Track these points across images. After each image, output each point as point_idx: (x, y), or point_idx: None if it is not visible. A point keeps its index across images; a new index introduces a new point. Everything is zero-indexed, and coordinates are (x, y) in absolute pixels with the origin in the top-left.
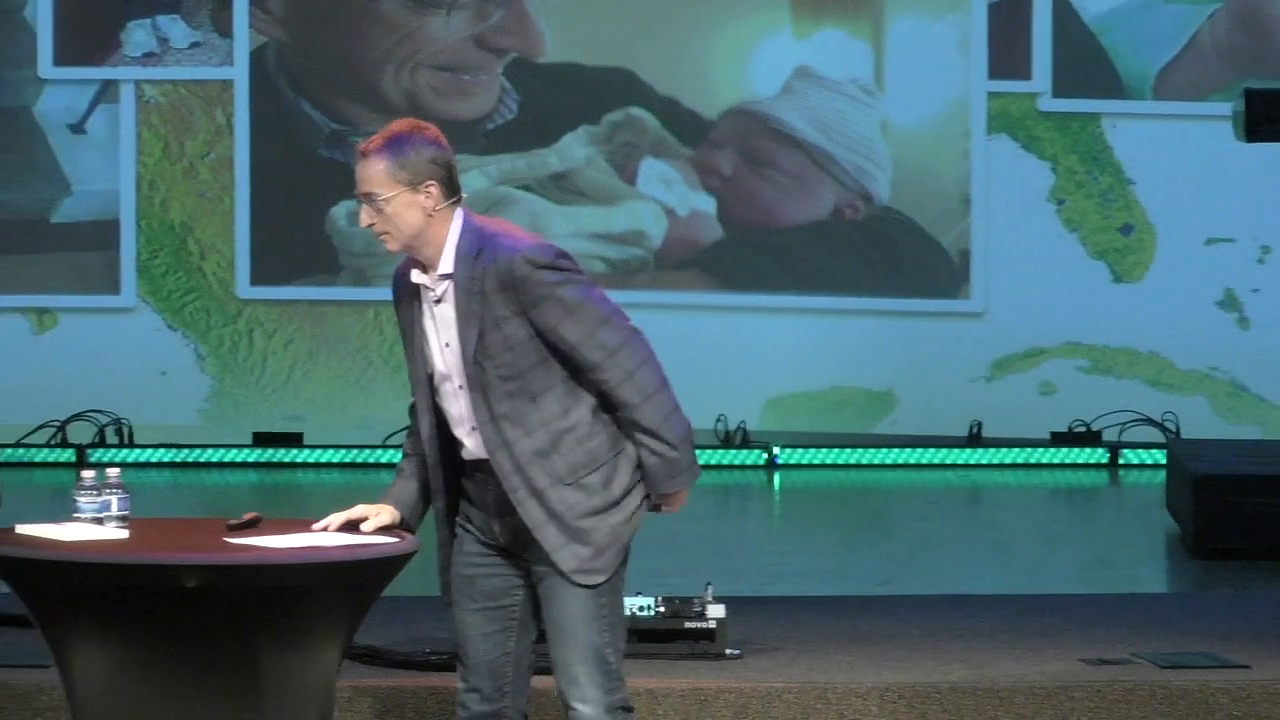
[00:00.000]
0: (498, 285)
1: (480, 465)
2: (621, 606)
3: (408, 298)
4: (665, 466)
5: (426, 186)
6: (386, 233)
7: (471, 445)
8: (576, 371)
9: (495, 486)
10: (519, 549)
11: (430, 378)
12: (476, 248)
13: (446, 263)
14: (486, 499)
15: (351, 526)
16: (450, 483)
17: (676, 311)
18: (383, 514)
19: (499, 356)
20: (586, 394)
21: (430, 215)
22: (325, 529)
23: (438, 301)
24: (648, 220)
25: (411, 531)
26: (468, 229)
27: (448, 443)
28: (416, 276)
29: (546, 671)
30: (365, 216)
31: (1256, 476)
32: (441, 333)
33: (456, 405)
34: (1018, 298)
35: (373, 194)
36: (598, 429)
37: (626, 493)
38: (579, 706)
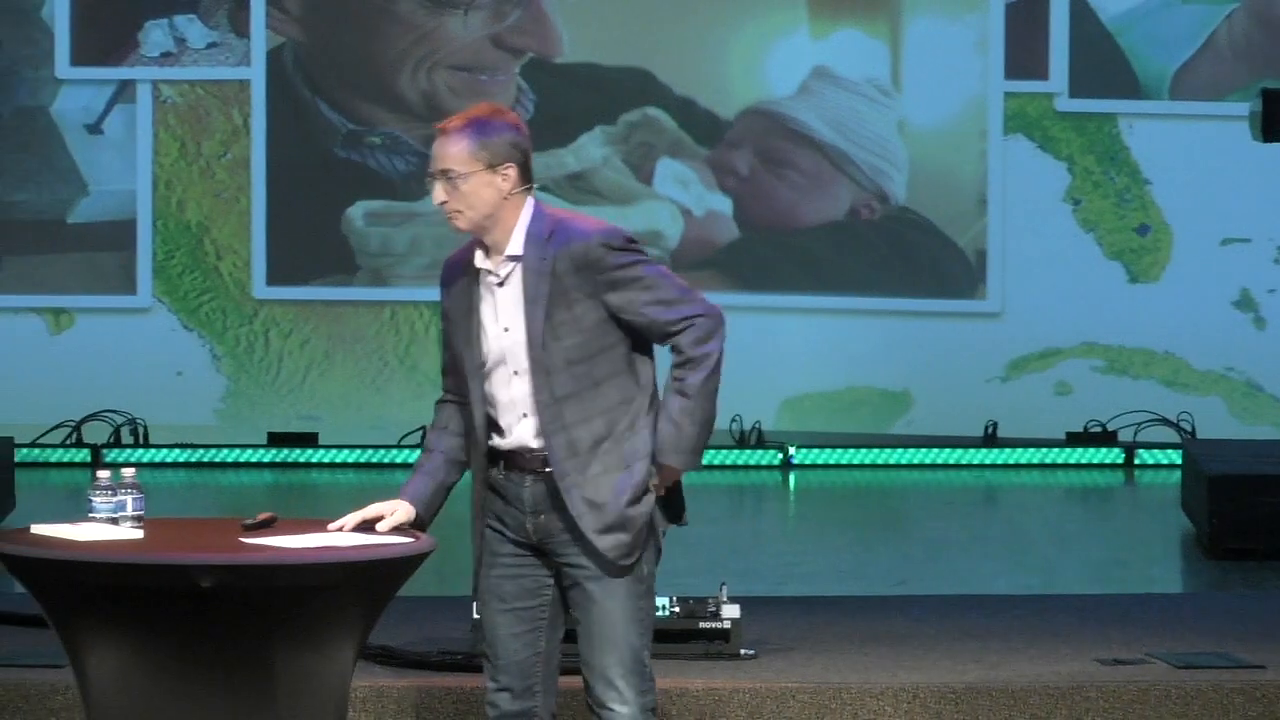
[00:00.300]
0: (571, 267)
1: (517, 458)
2: (654, 608)
3: (464, 283)
4: (676, 438)
5: (505, 169)
6: (459, 211)
7: (519, 432)
8: (647, 348)
9: (533, 481)
10: (553, 547)
11: (480, 366)
12: (548, 231)
13: (515, 245)
14: (522, 495)
15: (367, 526)
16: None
17: None
18: (398, 512)
19: (567, 339)
20: (647, 384)
21: (505, 198)
22: (340, 529)
23: (499, 285)
24: (664, 220)
25: (424, 529)
26: (539, 215)
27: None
28: (480, 260)
29: (572, 671)
30: (439, 193)
31: (1272, 477)
32: (501, 317)
33: (508, 391)
34: (1034, 298)
35: (450, 170)
36: (651, 422)
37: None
38: (617, 708)
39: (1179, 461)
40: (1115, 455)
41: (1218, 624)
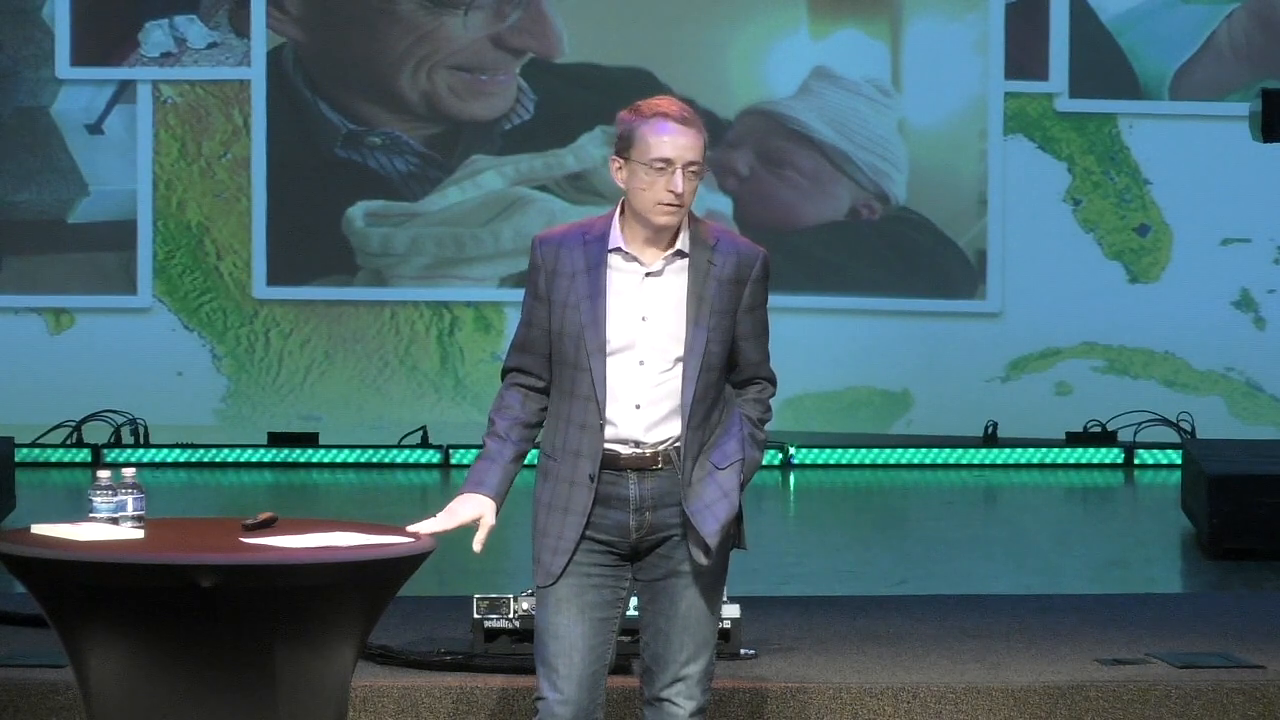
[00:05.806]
0: (734, 277)
1: (620, 452)
2: None
3: (583, 264)
4: (753, 470)
5: (704, 169)
6: (681, 205)
7: (629, 424)
8: (735, 369)
9: (640, 477)
10: (652, 543)
11: (601, 347)
12: (715, 236)
13: (682, 241)
14: (625, 492)
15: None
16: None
17: None
18: (488, 515)
19: (714, 343)
20: (731, 395)
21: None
22: (418, 535)
23: (649, 275)
24: None
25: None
26: (695, 218)
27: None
28: (627, 247)
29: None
30: (684, 185)
31: (1272, 477)
32: (641, 306)
33: (624, 380)
34: (1034, 298)
35: (697, 165)
36: (733, 429)
37: None
38: (685, 704)
39: (1179, 462)
40: (1115, 455)
41: (1218, 624)
